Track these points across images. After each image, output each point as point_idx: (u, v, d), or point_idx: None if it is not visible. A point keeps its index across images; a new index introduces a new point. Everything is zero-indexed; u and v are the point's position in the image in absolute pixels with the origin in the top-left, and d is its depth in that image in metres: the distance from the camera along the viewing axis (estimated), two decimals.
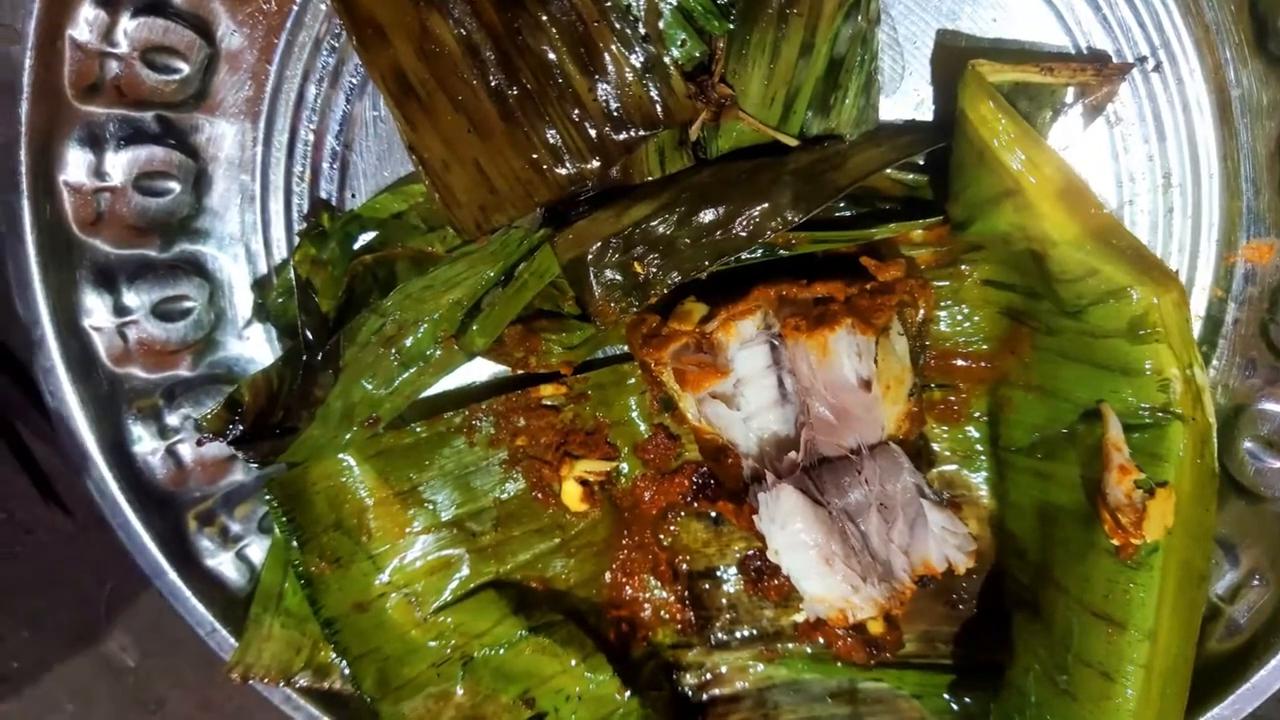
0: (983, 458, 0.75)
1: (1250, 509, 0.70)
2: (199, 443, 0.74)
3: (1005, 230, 0.63)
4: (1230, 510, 0.70)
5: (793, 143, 0.69)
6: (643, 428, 0.76)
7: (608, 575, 0.78)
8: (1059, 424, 0.67)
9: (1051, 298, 0.65)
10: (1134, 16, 0.69)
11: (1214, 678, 0.68)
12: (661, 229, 0.67)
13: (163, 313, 0.75)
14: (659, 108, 0.67)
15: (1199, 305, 0.72)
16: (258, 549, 0.77)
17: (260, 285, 0.77)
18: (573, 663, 0.74)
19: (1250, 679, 0.67)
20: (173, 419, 0.75)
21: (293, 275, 0.73)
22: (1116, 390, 0.63)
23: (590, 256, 0.67)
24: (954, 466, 0.75)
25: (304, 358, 0.71)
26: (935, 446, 0.75)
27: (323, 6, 0.72)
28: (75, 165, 0.70)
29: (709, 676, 0.79)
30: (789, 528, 0.65)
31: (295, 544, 0.72)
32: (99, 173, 0.71)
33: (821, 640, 0.76)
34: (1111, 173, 0.72)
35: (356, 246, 0.75)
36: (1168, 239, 0.72)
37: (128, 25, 0.69)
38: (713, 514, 0.77)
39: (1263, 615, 0.69)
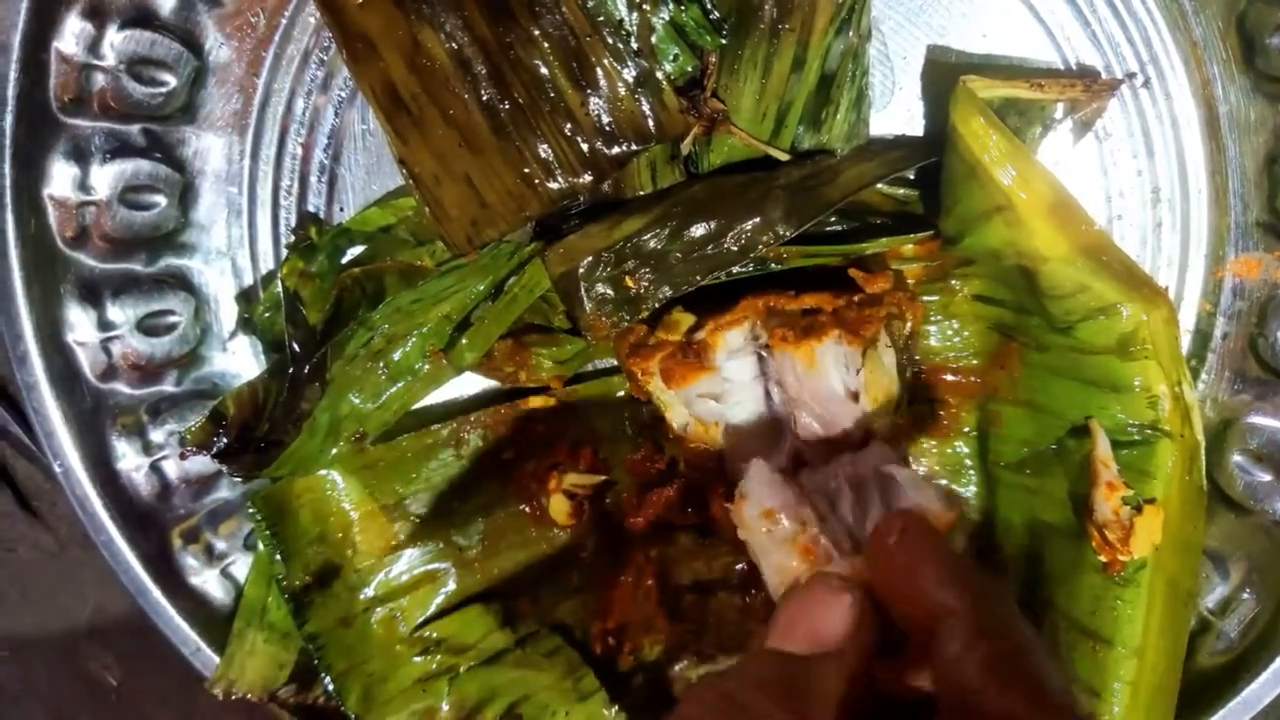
0: (972, 473, 0.74)
1: (1240, 522, 0.71)
2: (182, 456, 0.73)
3: (996, 246, 0.63)
4: (1220, 524, 0.71)
5: (784, 157, 0.69)
6: (632, 441, 0.76)
7: (595, 589, 0.77)
8: (1048, 440, 0.67)
9: (1041, 314, 0.65)
10: (1123, 33, 0.70)
11: (1205, 692, 0.68)
12: (653, 243, 0.67)
13: (148, 327, 0.74)
14: (651, 122, 0.67)
15: (1188, 320, 0.72)
16: (243, 567, 0.76)
17: (246, 298, 0.76)
18: (560, 677, 0.73)
19: (1241, 693, 0.67)
20: (157, 435, 0.74)
21: (280, 288, 0.73)
22: (1105, 407, 0.63)
23: (581, 271, 0.67)
24: (943, 482, 0.75)
25: (290, 370, 0.70)
26: (924, 462, 0.75)
27: (312, 19, 0.72)
28: (60, 179, 0.70)
29: None
30: (755, 497, 0.61)
31: (279, 558, 0.71)
32: (84, 186, 0.70)
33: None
34: (1100, 188, 0.72)
35: (345, 260, 0.74)
36: (1156, 254, 0.72)
37: (114, 38, 0.69)
38: (701, 527, 0.77)
39: (1254, 628, 0.69)
